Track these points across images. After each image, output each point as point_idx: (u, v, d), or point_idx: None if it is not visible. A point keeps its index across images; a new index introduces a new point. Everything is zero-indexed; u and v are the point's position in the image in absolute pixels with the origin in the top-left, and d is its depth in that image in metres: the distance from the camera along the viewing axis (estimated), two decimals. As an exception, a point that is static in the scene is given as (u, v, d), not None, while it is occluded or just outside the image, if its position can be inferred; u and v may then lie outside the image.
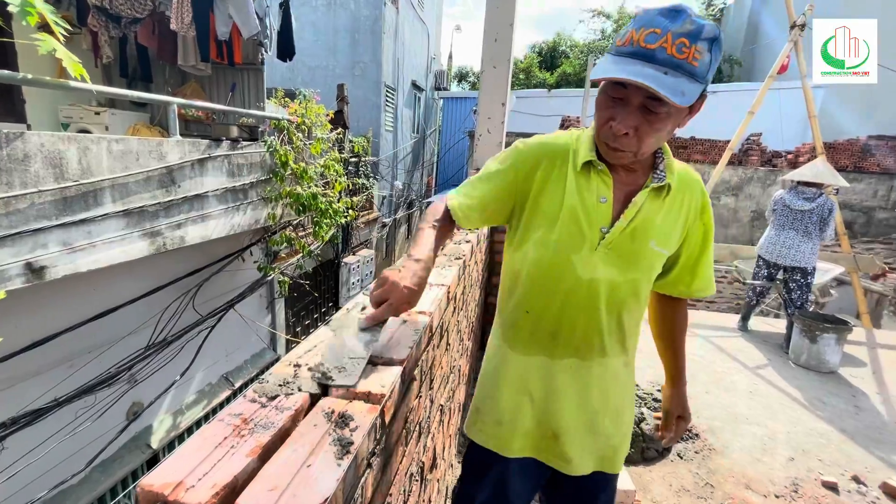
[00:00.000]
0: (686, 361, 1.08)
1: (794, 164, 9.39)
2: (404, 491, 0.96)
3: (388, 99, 10.28)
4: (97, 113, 4.28)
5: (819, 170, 3.92)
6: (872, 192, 9.56)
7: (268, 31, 4.60)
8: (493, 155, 1.09)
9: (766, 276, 4.08)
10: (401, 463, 0.91)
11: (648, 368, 3.39)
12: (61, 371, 3.19)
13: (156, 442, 3.97)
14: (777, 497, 2.16)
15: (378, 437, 0.70)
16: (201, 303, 4.21)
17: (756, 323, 4.60)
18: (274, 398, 0.68)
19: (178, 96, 4.44)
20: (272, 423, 0.61)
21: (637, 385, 2.93)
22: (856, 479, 2.30)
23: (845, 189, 9.17)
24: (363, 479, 0.64)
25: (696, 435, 2.58)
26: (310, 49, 9.41)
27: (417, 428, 1.09)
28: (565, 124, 10.66)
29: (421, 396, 1.10)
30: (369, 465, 0.67)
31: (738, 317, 4.58)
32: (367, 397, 0.72)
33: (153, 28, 4.77)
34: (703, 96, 0.80)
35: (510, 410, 1.03)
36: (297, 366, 0.78)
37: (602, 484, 1.08)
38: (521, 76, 19.82)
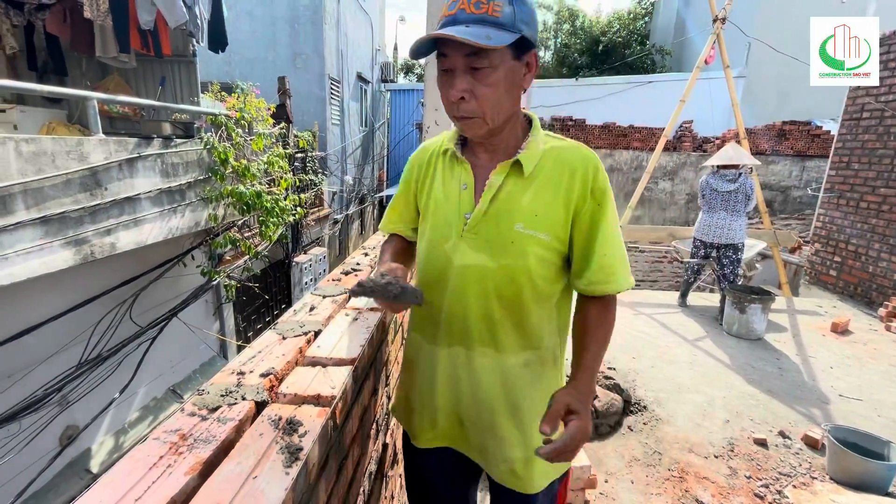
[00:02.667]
0: (599, 363, 0.89)
1: (720, 149, 10.10)
2: (363, 491, 0.95)
3: (334, 92, 9.98)
4: (3, 111, 3.84)
5: (729, 154, 4.27)
6: (788, 173, 10.46)
7: (198, 21, 4.30)
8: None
9: (702, 256, 4.40)
10: (358, 463, 0.89)
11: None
12: (-23, 399, 2.87)
13: (96, 466, 3.68)
14: (716, 457, 2.34)
15: (330, 440, 0.68)
16: (140, 313, 3.94)
17: (693, 298, 4.94)
18: (215, 409, 0.64)
19: (98, 91, 4.07)
20: (213, 437, 0.58)
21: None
22: (782, 434, 2.53)
23: (764, 171, 10.00)
24: (317, 485, 0.63)
25: (644, 407, 2.74)
26: (247, 40, 8.93)
27: (375, 425, 1.08)
28: (512, 115, 10.84)
29: (377, 394, 1.09)
30: (322, 470, 0.65)
31: (677, 294, 4.90)
32: (317, 400, 0.70)
33: (64, 16, 4.33)
34: (531, 52, 0.82)
35: (421, 396, 1.00)
36: (241, 373, 0.75)
37: None
38: (467, 67, 19.84)
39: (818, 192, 5.99)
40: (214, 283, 4.79)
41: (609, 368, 3.07)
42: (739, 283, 4.36)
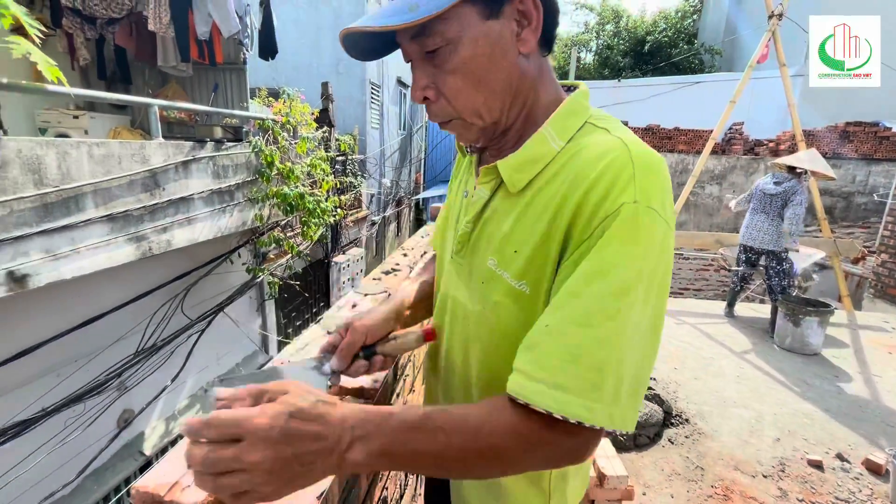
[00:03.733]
0: (407, 438, 0.47)
1: (775, 153, 9.57)
2: (400, 483, 0.97)
3: (374, 96, 10.22)
4: (76, 116, 4.18)
5: (801, 157, 4.00)
6: (851, 178, 9.76)
7: (248, 30, 4.53)
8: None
9: (745, 262, 4.20)
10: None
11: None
12: (48, 380, 3.13)
13: (149, 448, 3.93)
14: (765, 477, 2.22)
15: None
16: (190, 307, 4.17)
17: (742, 309, 4.69)
18: (267, 397, 0.68)
19: (159, 98, 4.36)
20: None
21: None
22: (840, 457, 2.37)
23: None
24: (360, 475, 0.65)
25: (686, 420, 2.63)
26: (293, 47, 9.30)
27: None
28: (551, 118, 10.70)
29: (414, 391, 1.11)
30: (364, 459, 0.67)
31: (724, 303, 4.67)
32: (360, 393, 0.73)
33: (131, 29, 4.67)
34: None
35: None
36: (288, 363, 0.79)
37: None
38: (505, 71, 19.79)
39: (886, 198, 5.55)
40: (258, 280, 5.00)
41: (650, 378, 2.97)
42: (793, 293, 4.11)
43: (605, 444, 2.04)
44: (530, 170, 0.56)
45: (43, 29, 2.25)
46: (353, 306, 1.10)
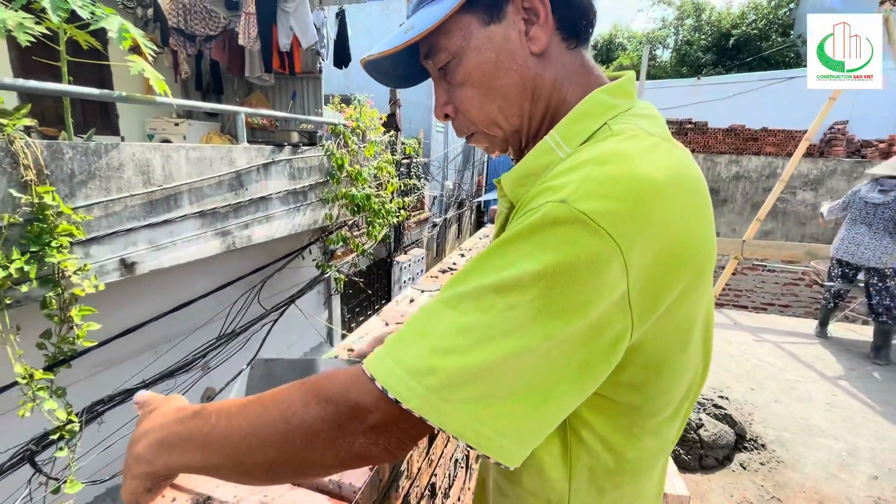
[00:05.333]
0: (183, 428, 0.46)
1: (886, 154, 8.43)
2: (448, 474, 1.01)
3: (439, 100, 10.45)
4: (176, 124, 4.71)
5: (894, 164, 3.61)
6: None
7: (325, 41, 4.84)
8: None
9: (840, 277, 3.76)
10: (446, 444, 0.95)
11: (710, 373, 3.22)
12: (147, 357, 3.56)
13: (226, 425, 4.31)
14: (856, 517, 1.98)
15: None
16: (265, 298, 4.52)
17: (838, 329, 4.20)
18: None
19: (244, 106, 4.79)
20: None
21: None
22: (955, 505, 2.05)
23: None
24: (409, 455, 0.69)
25: (763, 445, 2.42)
26: (364, 55, 9.77)
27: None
28: (621, 119, 10.26)
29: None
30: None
31: (815, 322, 4.21)
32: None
33: (224, 44, 5.17)
34: None
35: None
36: (352, 350, 0.85)
37: None
38: (574, 71, 19.29)
39: None
40: (326, 276, 5.30)
41: (720, 397, 2.76)
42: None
43: (666, 462, 1.94)
44: (531, 183, 0.48)
45: (154, 48, 2.57)
46: (411, 301, 1.15)
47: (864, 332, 4.15)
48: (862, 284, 3.68)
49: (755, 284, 8.43)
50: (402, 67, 0.57)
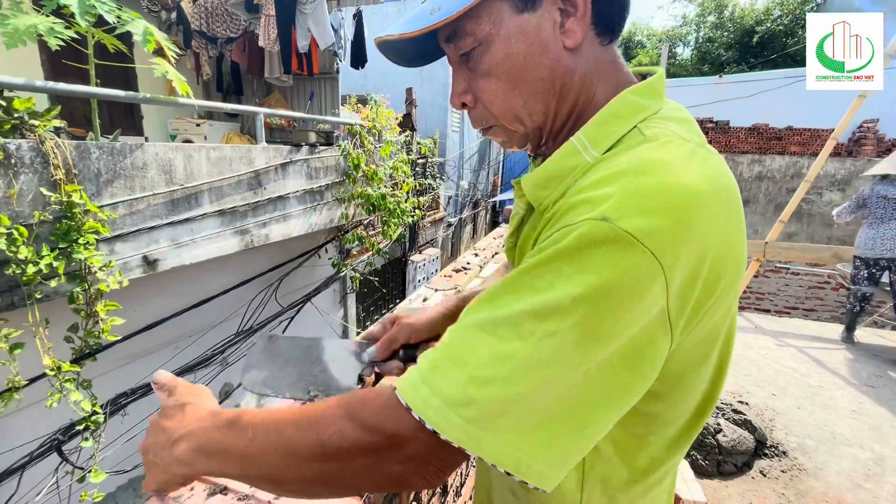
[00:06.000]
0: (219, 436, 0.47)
1: (919, 154, 8.12)
2: (461, 473, 1.01)
3: (455, 100, 10.45)
4: (198, 125, 4.82)
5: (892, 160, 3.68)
6: None
7: (342, 42, 4.89)
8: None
9: (867, 278, 3.68)
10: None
11: (729, 377, 3.16)
12: (168, 351, 3.65)
13: (243, 420, 4.39)
14: (883, 529, 1.91)
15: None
16: (282, 295, 4.59)
17: (867, 335, 4.07)
18: (343, 373, 0.76)
19: (264, 107, 4.87)
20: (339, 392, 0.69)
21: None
22: None
23: None
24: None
25: (784, 453, 2.35)
26: (380, 55, 9.80)
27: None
28: (640, 118, 10.11)
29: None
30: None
31: (841, 327, 4.08)
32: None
33: (244, 46, 5.27)
34: None
35: None
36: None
37: None
38: (592, 70, 19.08)
39: None
40: (342, 274, 5.36)
41: (740, 402, 2.70)
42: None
43: (682, 467, 1.91)
44: (555, 186, 0.47)
45: (177, 51, 2.64)
46: (424, 300, 1.16)
47: (893, 338, 4.01)
48: (888, 287, 3.60)
49: (778, 287, 8.20)
50: (415, 46, 0.52)
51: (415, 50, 0.54)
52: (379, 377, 0.70)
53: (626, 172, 0.39)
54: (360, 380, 0.65)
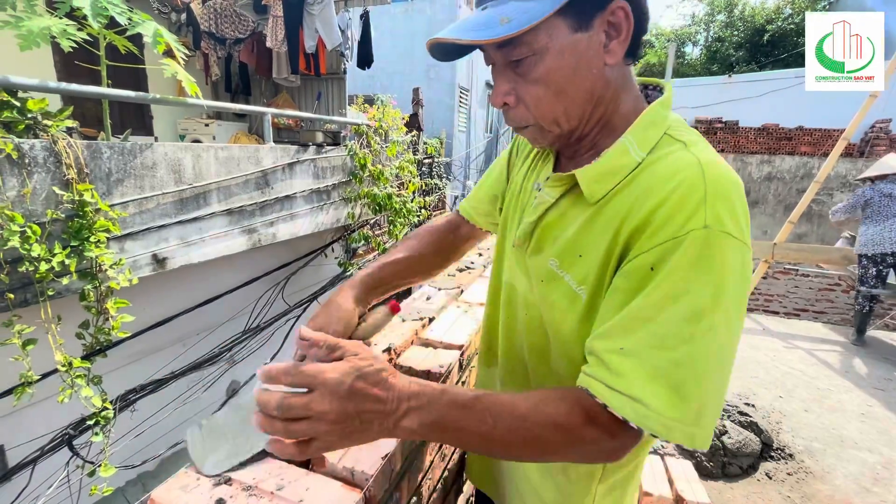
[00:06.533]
0: (458, 414, 0.51)
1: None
2: (460, 470, 1.02)
3: (462, 100, 10.44)
4: (207, 125, 4.88)
5: (890, 164, 3.83)
6: None
7: (349, 42, 4.92)
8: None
9: (875, 276, 3.68)
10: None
11: (735, 379, 3.14)
12: (176, 349, 3.70)
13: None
14: (890, 533, 1.90)
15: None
16: (289, 294, 4.63)
17: (878, 338, 4.02)
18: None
19: (271, 107, 4.91)
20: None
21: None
22: None
23: None
24: (422, 447, 0.71)
25: (790, 455, 2.34)
26: (388, 55, 9.84)
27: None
28: (647, 118, 10.04)
29: (481, 384, 1.14)
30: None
31: (851, 329, 4.04)
32: (427, 375, 0.79)
33: (252, 47, 5.32)
34: (608, 8, 0.52)
35: None
36: (368, 345, 0.87)
37: None
38: (599, 70, 18.96)
39: None
40: (348, 274, 5.39)
41: (746, 404, 2.68)
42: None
43: (686, 468, 1.90)
44: (610, 181, 0.56)
45: (187, 52, 2.67)
46: (427, 298, 1.17)
47: (905, 341, 3.96)
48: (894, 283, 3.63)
49: (788, 290, 8.11)
50: (453, 44, 0.56)
51: (451, 47, 0.58)
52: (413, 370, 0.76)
53: (694, 176, 0.50)
54: None
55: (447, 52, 0.60)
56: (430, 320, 1.04)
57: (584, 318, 0.57)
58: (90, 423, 2.52)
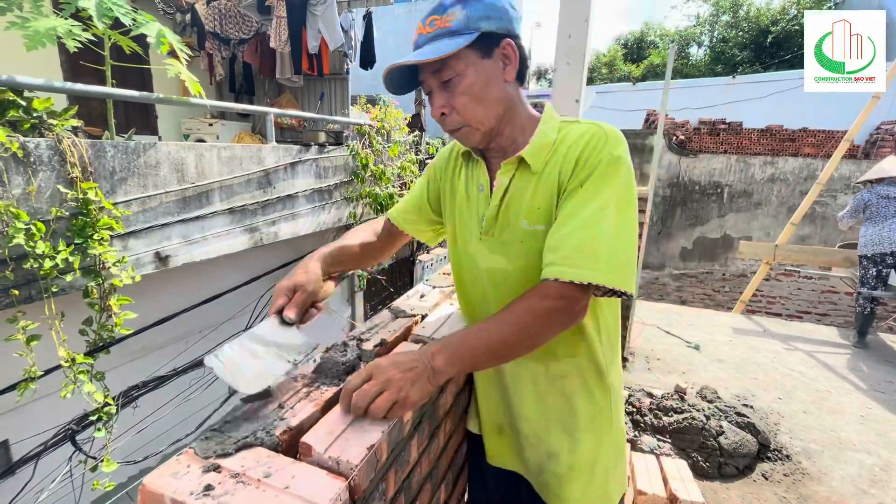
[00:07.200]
0: (473, 344, 0.71)
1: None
2: (455, 464, 1.03)
3: (465, 100, 10.47)
4: (210, 124, 4.91)
5: (885, 167, 3.80)
6: None
7: (352, 43, 4.95)
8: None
9: (875, 277, 3.69)
10: (450, 437, 0.98)
11: (734, 380, 3.15)
12: (178, 346, 3.73)
13: (251, 415, 4.46)
14: (886, 535, 1.90)
15: (424, 404, 0.78)
16: (291, 293, 4.65)
17: (880, 340, 4.00)
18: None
19: (275, 107, 4.94)
20: (334, 384, 0.72)
21: (720, 397, 2.72)
22: None
23: None
24: (410, 440, 0.72)
25: (787, 457, 2.34)
26: (391, 56, 9.79)
27: (467, 410, 1.15)
28: (650, 118, 10.02)
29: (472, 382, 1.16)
30: (416, 428, 0.75)
31: (853, 332, 4.03)
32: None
33: (256, 47, 5.36)
34: (502, 44, 0.76)
35: (480, 409, 1.01)
36: (361, 340, 0.89)
37: None
38: (603, 70, 18.95)
39: None
40: (349, 273, 5.41)
41: (744, 405, 2.69)
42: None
43: (681, 468, 1.91)
44: (543, 154, 0.81)
45: (190, 52, 2.70)
46: (422, 296, 1.19)
47: (907, 344, 3.94)
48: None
49: (790, 291, 8.08)
50: (403, 77, 0.83)
51: (402, 80, 0.84)
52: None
53: (593, 132, 0.78)
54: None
55: (398, 84, 0.84)
56: (423, 317, 1.05)
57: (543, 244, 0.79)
58: (93, 418, 2.55)
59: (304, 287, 0.88)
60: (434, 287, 1.27)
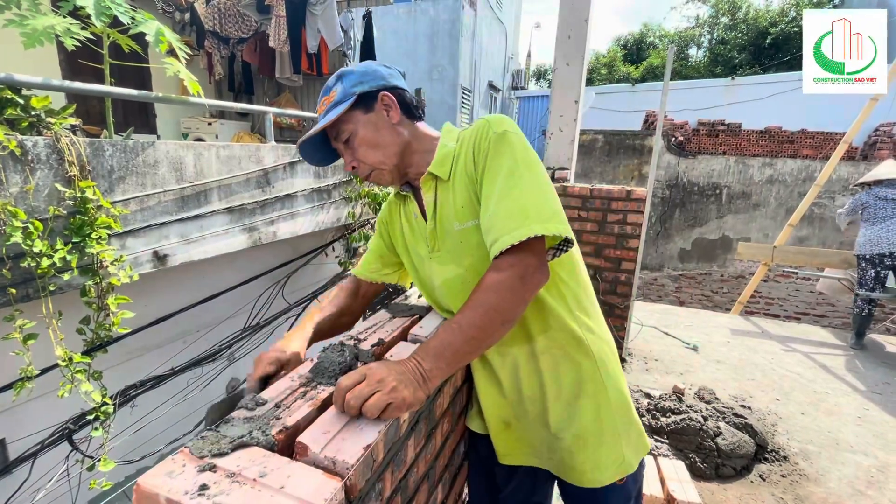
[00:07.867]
0: (458, 336, 0.73)
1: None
2: (452, 465, 1.03)
3: (465, 100, 10.44)
4: (209, 123, 4.91)
5: (883, 170, 3.84)
6: None
7: (352, 42, 4.94)
8: (565, 152, 1.84)
9: (873, 278, 3.70)
10: (447, 437, 0.98)
11: (732, 381, 3.15)
12: (176, 345, 3.72)
13: (249, 414, 4.46)
14: (883, 536, 1.90)
15: (421, 405, 0.78)
16: (289, 293, 4.65)
17: (878, 342, 4.01)
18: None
19: (274, 106, 4.93)
20: (331, 383, 0.72)
21: (717, 398, 2.72)
22: None
23: None
24: (406, 440, 0.72)
25: (785, 458, 2.34)
26: (391, 56, 9.87)
27: (465, 410, 1.15)
28: (649, 119, 10.03)
29: (468, 381, 1.16)
30: (412, 429, 0.75)
31: (851, 333, 4.04)
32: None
33: (255, 46, 5.35)
34: (378, 98, 0.89)
35: (481, 397, 1.02)
36: (358, 339, 0.89)
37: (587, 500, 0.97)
38: (602, 71, 18.95)
39: None
40: (349, 273, 5.41)
41: (742, 406, 2.69)
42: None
43: (678, 468, 1.91)
44: (448, 163, 0.91)
45: (189, 51, 2.69)
46: (420, 296, 1.18)
47: (904, 346, 3.95)
48: (894, 286, 3.65)
49: (788, 293, 8.09)
50: (320, 153, 0.97)
51: (320, 156, 0.97)
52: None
53: (478, 127, 0.87)
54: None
55: (320, 158, 0.97)
56: (420, 317, 1.05)
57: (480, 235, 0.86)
58: (90, 418, 2.54)
59: (288, 367, 0.88)
60: (432, 287, 1.26)
